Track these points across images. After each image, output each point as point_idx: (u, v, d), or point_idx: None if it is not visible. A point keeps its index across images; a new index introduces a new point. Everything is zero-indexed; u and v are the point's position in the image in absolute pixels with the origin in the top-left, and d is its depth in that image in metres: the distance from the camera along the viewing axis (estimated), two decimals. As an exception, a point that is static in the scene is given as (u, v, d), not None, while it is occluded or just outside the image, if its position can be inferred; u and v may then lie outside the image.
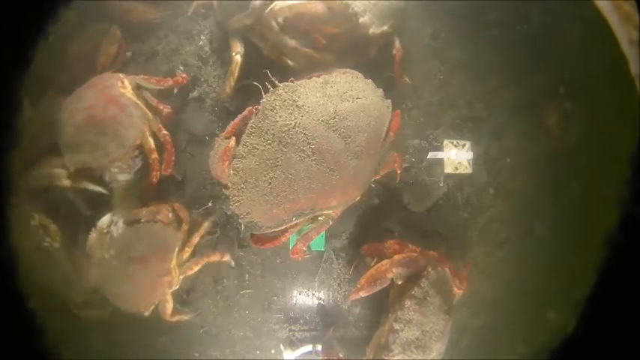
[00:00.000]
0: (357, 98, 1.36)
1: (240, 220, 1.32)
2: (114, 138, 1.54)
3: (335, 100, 1.33)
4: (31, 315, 1.22)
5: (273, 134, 1.28)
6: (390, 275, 1.48)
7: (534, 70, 1.77)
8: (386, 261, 1.50)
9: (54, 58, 1.62)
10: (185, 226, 1.63)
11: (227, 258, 1.66)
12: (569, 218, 1.69)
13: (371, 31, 1.63)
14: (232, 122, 1.42)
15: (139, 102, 1.61)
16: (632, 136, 1.31)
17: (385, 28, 1.66)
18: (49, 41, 1.38)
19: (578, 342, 1.24)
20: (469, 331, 1.75)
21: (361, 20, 1.60)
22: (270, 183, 1.28)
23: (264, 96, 1.33)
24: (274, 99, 1.31)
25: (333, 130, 1.30)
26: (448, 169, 1.80)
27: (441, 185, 1.80)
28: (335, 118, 1.31)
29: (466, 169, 1.81)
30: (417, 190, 1.79)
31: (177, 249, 1.59)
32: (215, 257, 1.65)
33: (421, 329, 1.42)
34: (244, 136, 1.32)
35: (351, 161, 1.32)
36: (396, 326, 1.41)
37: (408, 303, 1.42)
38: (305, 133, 1.27)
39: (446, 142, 1.81)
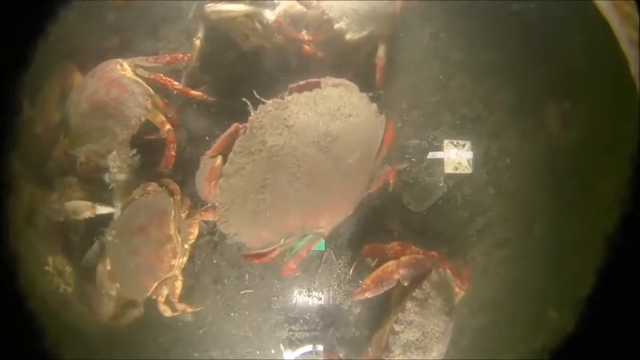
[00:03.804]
0: (350, 116, 1.32)
1: (227, 241, 1.30)
2: (119, 119, 1.52)
3: (326, 118, 1.28)
4: (31, 316, 1.22)
5: (262, 154, 1.24)
6: (396, 276, 1.47)
7: (534, 70, 1.77)
8: (392, 262, 1.49)
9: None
10: (177, 196, 1.60)
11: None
12: (569, 218, 1.68)
13: (347, 37, 1.58)
14: (218, 140, 1.36)
15: (139, 80, 1.59)
16: (632, 136, 1.31)
17: (364, 34, 1.60)
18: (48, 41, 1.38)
19: (578, 342, 1.24)
20: (469, 331, 1.75)
21: (336, 26, 1.55)
22: (257, 205, 1.24)
23: (252, 113, 1.28)
24: (263, 116, 1.26)
25: (324, 152, 1.26)
26: (448, 169, 1.80)
27: (441, 185, 1.79)
28: (326, 138, 1.27)
29: (466, 169, 1.81)
30: (417, 190, 1.79)
31: (173, 213, 1.56)
32: (208, 215, 1.58)
33: (422, 330, 1.41)
34: (231, 154, 1.28)
35: (341, 182, 1.29)
36: (397, 328, 1.41)
37: (409, 305, 1.42)
38: (294, 155, 1.24)
39: (446, 142, 1.81)
